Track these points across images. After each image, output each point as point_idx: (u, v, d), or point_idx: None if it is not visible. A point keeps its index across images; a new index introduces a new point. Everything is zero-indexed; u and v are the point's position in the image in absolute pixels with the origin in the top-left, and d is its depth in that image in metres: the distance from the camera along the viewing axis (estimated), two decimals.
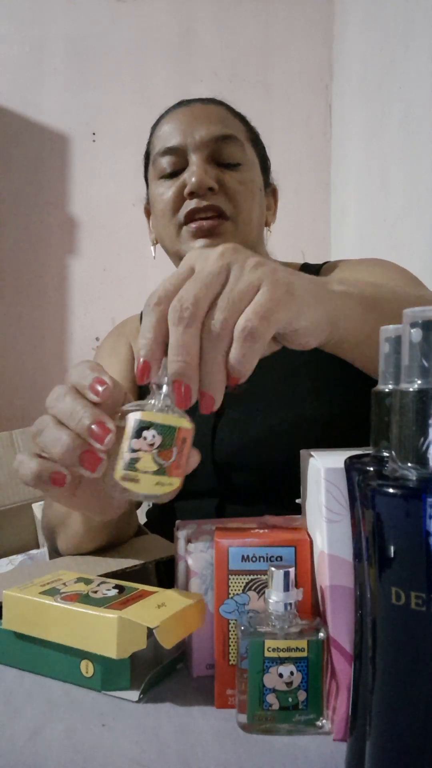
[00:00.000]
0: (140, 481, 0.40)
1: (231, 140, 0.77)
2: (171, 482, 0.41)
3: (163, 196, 0.77)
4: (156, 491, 0.40)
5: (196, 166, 0.74)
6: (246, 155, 0.79)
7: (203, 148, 0.75)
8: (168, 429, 0.40)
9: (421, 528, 0.27)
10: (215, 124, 0.76)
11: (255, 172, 0.80)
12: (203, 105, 0.80)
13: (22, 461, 0.44)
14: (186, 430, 0.41)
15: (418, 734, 0.28)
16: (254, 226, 0.79)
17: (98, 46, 1.91)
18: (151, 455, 0.40)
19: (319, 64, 1.94)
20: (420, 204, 1.24)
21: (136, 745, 0.37)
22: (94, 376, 0.43)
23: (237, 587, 0.42)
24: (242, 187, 0.77)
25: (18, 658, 0.47)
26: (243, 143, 0.79)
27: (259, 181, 0.81)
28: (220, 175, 0.76)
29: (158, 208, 0.79)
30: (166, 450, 0.40)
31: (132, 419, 0.40)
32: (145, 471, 0.40)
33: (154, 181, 0.80)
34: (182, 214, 0.76)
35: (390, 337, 0.34)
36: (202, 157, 0.75)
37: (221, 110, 0.80)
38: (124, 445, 0.40)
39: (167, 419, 0.40)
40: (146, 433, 0.40)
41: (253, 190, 0.79)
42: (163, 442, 0.40)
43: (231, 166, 0.77)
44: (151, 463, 0.40)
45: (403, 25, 1.33)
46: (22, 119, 1.89)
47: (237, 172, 0.77)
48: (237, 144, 0.77)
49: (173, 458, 0.40)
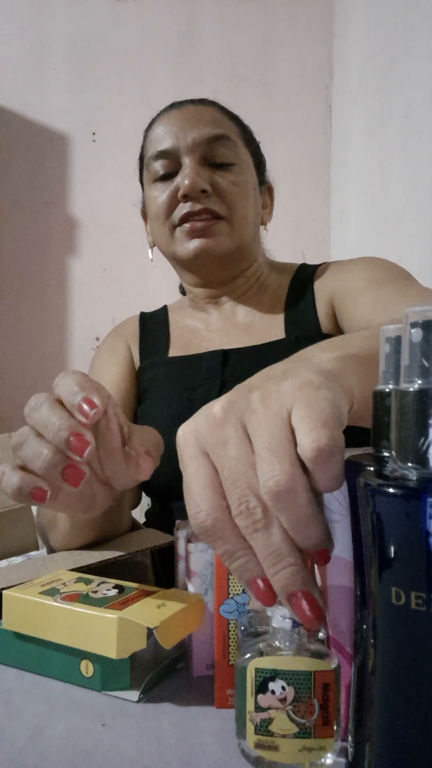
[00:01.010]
0: (280, 749, 0.32)
1: (223, 140, 0.77)
2: (322, 746, 0.32)
3: (157, 199, 0.77)
4: (303, 761, 0.32)
5: (188, 169, 0.74)
6: (239, 155, 0.78)
7: (195, 150, 0.75)
8: (300, 677, 0.32)
9: (421, 528, 0.27)
10: (207, 125, 0.76)
11: (249, 172, 0.80)
12: (195, 106, 0.80)
13: (4, 473, 0.43)
14: (326, 673, 0.32)
15: (419, 734, 0.28)
16: (249, 226, 0.79)
17: (98, 46, 1.91)
18: (286, 713, 0.32)
19: (319, 64, 1.94)
20: (420, 204, 1.24)
21: (136, 745, 0.37)
22: (83, 395, 0.42)
23: (237, 587, 0.42)
24: (235, 188, 0.77)
25: (18, 658, 0.47)
26: (236, 143, 0.78)
27: (253, 180, 0.81)
28: (213, 177, 0.76)
29: (152, 211, 0.79)
30: (305, 704, 0.32)
31: (249, 668, 0.32)
32: (284, 735, 0.32)
33: (149, 184, 0.80)
34: (176, 217, 0.76)
35: (390, 337, 0.34)
36: (194, 159, 0.75)
37: (213, 111, 0.80)
38: (248, 701, 0.33)
39: (296, 663, 0.32)
40: (272, 685, 0.32)
41: (247, 189, 0.79)
42: (297, 695, 0.32)
43: (224, 166, 0.77)
44: (289, 724, 0.32)
45: (403, 25, 1.33)
46: (22, 119, 1.89)
47: (230, 172, 0.77)
48: (229, 144, 0.77)
49: (316, 714, 0.32)
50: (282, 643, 0.34)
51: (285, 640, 0.34)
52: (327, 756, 0.34)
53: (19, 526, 0.87)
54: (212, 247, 0.76)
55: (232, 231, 0.77)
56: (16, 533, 0.87)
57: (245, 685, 0.33)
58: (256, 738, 0.33)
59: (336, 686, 0.33)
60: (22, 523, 0.87)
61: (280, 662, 0.32)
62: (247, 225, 0.79)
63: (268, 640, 0.35)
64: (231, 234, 0.77)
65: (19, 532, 0.87)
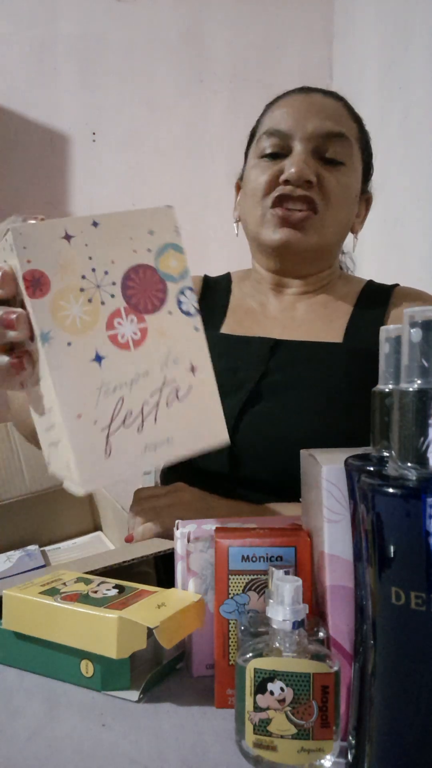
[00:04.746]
0: (278, 749, 0.32)
1: (340, 139, 0.76)
2: (321, 747, 0.32)
3: (258, 177, 0.76)
4: (302, 761, 0.32)
5: (297, 157, 0.73)
6: (351, 157, 0.78)
7: (310, 140, 0.74)
8: (299, 678, 0.32)
9: (421, 528, 0.27)
10: (328, 119, 0.75)
11: (355, 177, 0.79)
12: (323, 97, 0.78)
13: None
14: (326, 675, 0.32)
15: (419, 733, 0.28)
16: (339, 230, 0.79)
17: (98, 46, 1.91)
18: (284, 714, 0.32)
19: (319, 64, 1.94)
20: (420, 204, 1.24)
21: (136, 744, 0.37)
22: None
23: (237, 587, 0.42)
24: (339, 188, 0.76)
25: (18, 658, 0.47)
26: (352, 144, 0.78)
27: (357, 186, 0.80)
28: (320, 170, 0.75)
29: (250, 187, 0.78)
30: (303, 705, 0.32)
31: (248, 669, 0.33)
32: (282, 735, 0.32)
33: (253, 159, 0.79)
34: (272, 198, 0.75)
35: (390, 337, 0.34)
36: (306, 149, 0.74)
37: (338, 107, 0.79)
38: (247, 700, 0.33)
39: (295, 664, 0.32)
40: (271, 686, 0.32)
41: (349, 193, 0.78)
42: (296, 697, 0.32)
43: (334, 163, 0.76)
44: (287, 725, 0.32)
45: (403, 25, 1.33)
46: (22, 119, 1.89)
47: (338, 171, 0.76)
48: (345, 143, 0.76)
49: (315, 716, 0.32)
50: (282, 644, 0.34)
51: (285, 642, 0.34)
52: (326, 758, 0.34)
53: (16, 520, 0.87)
54: (299, 241, 0.75)
55: (322, 228, 0.76)
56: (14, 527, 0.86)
57: (244, 685, 0.33)
58: (254, 737, 0.33)
59: (336, 688, 0.34)
60: (19, 516, 0.87)
61: (279, 663, 0.33)
62: (338, 227, 0.78)
63: (268, 641, 0.35)
64: (320, 231, 0.76)
65: (16, 526, 0.87)
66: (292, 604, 0.35)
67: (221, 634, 0.42)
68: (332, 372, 0.73)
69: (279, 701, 0.32)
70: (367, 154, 0.84)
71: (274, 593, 0.36)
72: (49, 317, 0.41)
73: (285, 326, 0.80)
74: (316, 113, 0.75)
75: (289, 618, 0.34)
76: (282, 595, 0.35)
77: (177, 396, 0.45)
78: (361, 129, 0.82)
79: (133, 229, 0.44)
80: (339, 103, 0.79)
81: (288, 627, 0.34)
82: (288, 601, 0.35)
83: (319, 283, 0.83)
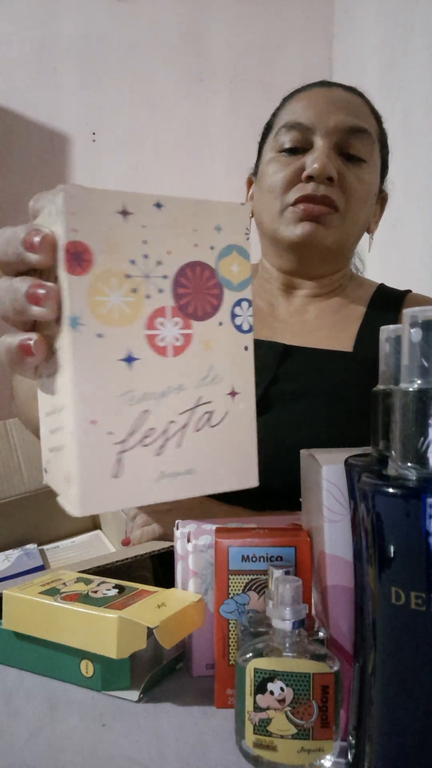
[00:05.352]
0: (278, 749, 0.32)
1: (363, 135, 0.74)
2: (321, 747, 0.32)
3: (277, 173, 0.74)
4: (302, 761, 0.32)
5: (320, 152, 0.71)
6: (373, 154, 0.76)
7: (333, 134, 0.72)
8: (299, 678, 0.32)
9: (421, 528, 0.27)
10: (351, 114, 0.74)
11: (375, 175, 0.78)
12: (344, 91, 0.76)
13: None
14: (326, 675, 0.32)
15: (419, 734, 0.28)
16: (357, 228, 0.77)
17: (98, 46, 1.91)
18: (284, 714, 0.32)
19: (319, 64, 1.94)
20: (420, 204, 1.24)
21: (136, 744, 0.37)
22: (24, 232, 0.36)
23: (237, 587, 0.42)
24: (360, 185, 0.74)
25: (18, 658, 0.47)
26: (374, 141, 0.76)
27: (376, 184, 0.78)
28: (341, 167, 0.73)
29: (267, 183, 0.76)
30: (303, 705, 0.32)
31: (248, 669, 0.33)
32: (282, 735, 0.32)
33: (270, 153, 0.77)
34: (292, 196, 0.73)
35: (390, 337, 0.34)
36: (328, 144, 0.72)
37: (360, 102, 0.77)
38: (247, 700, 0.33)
39: (295, 664, 0.32)
40: (271, 686, 0.32)
41: (369, 191, 0.76)
42: (296, 697, 0.32)
43: (355, 160, 0.74)
44: (287, 725, 0.32)
45: (403, 25, 1.33)
46: (22, 119, 1.89)
47: (359, 168, 0.74)
48: (367, 140, 0.74)
49: (315, 716, 0.32)
50: (282, 644, 0.34)
51: (285, 642, 0.34)
52: (326, 758, 0.34)
53: (15, 519, 0.87)
54: (321, 235, 0.73)
55: (342, 227, 0.74)
56: (12, 526, 0.87)
57: (244, 685, 0.33)
58: (254, 737, 0.33)
59: (336, 689, 0.34)
60: (18, 515, 0.87)
61: (279, 663, 0.32)
62: (357, 226, 0.76)
63: (268, 641, 0.35)
64: (340, 229, 0.74)
65: (14, 525, 0.87)
66: (292, 604, 0.35)
67: (221, 634, 0.42)
68: (343, 382, 0.71)
69: (279, 701, 0.32)
70: (385, 152, 0.82)
71: (274, 593, 0.36)
72: (85, 300, 0.34)
73: (295, 331, 0.78)
74: (339, 108, 0.73)
75: (289, 618, 0.34)
76: (282, 595, 0.35)
77: (209, 421, 0.38)
78: (380, 126, 0.80)
79: (200, 221, 0.38)
80: (361, 99, 0.78)
81: (288, 627, 0.34)
82: (288, 601, 0.35)
83: (331, 286, 0.82)
